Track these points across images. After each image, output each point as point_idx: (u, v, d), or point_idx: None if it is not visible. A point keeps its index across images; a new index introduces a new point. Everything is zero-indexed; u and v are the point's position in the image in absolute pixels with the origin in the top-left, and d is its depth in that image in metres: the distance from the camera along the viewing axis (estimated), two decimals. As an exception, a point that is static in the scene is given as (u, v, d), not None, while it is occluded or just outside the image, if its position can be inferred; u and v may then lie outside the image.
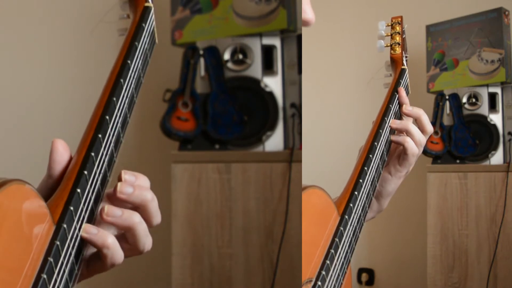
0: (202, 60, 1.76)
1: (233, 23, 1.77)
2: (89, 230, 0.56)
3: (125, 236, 0.60)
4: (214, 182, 1.70)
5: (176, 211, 1.69)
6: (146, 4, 0.74)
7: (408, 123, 0.89)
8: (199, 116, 1.72)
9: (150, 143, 1.96)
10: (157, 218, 0.61)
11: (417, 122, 0.90)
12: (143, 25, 0.72)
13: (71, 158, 0.60)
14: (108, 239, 0.57)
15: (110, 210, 0.58)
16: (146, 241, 0.60)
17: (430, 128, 0.90)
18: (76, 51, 1.98)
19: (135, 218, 0.58)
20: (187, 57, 1.76)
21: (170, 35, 1.81)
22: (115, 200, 0.59)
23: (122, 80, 0.65)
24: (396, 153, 0.91)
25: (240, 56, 1.78)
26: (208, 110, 1.73)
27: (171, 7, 1.82)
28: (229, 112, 1.74)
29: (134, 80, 0.68)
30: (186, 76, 1.74)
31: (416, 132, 0.88)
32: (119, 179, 0.60)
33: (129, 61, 0.67)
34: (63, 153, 0.59)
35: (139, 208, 0.59)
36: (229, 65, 1.78)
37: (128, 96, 0.66)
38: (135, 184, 0.60)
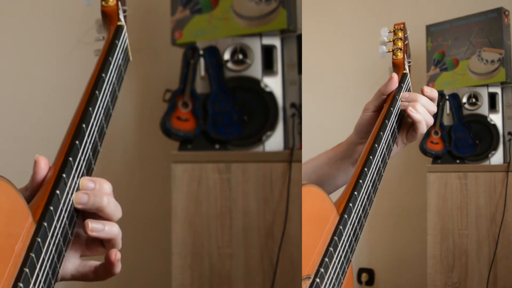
0: (202, 60, 1.76)
1: (233, 23, 1.77)
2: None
3: (102, 242, 0.65)
4: (214, 182, 1.70)
5: (176, 211, 1.69)
6: (119, 23, 0.80)
7: (416, 94, 0.93)
8: (199, 116, 1.72)
9: (150, 143, 1.96)
10: (116, 215, 0.64)
11: None
12: (116, 42, 0.77)
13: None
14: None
15: (93, 226, 0.62)
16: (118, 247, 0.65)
17: (432, 109, 0.92)
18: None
19: (115, 230, 0.64)
20: (187, 57, 1.76)
21: (170, 35, 1.81)
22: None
23: (97, 92, 0.69)
24: (404, 127, 0.94)
25: (240, 56, 1.78)
26: (208, 110, 1.73)
27: (171, 7, 1.82)
28: (229, 112, 1.74)
29: (109, 93, 0.72)
30: (186, 76, 1.74)
31: (425, 98, 0.92)
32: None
33: (103, 75, 0.71)
34: (44, 169, 0.62)
35: (97, 213, 0.63)
36: (229, 65, 1.78)
37: (104, 107, 0.70)
38: (92, 190, 0.63)
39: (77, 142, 0.64)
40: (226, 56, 1.78)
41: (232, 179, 1.70)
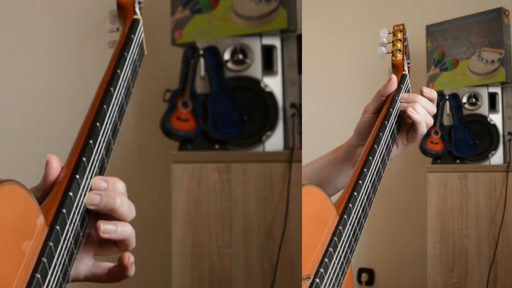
0: (202, 60, 1.76)
1: (233, 23, 1.77)
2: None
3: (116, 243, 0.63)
4: (214, 182, 1.70)
5: (176, 211, 1.69)
6: (135, 17, 0.77)
7: (416, 95, 0.93)
8: (199, 116, 1.72)
9: (150, 143, 1.96)
10: (130, 215, 0.63)
11: None
12: (132, 36, 0.74)
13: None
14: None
15: (105, 228, 0.60)
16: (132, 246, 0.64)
17: (431, 109, 0.92)
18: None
19: (128, 230, 0.62)
20: (187, 57, 1.76)
21: (170, 35, 1.81)
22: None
23: (112, 89, 0.67)
24: (404, 128, 0.94)
25: (240, 56, 1.78)
26: (208, 110, 1.73)
27: (171, 7, 1.82)
28: (229, 112, 1.74)
29: (124, 89, 0.70)
30: (186, 76, 1.74)
31: (424, 99, 0.92)
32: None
33: (118, 71, 0.69)
34: (56, 169, 0.60)
35: (110, 214, 0.61)
36: (229, 65, 1.78)
37: (118, 104, 0.68)
38: (104, 190, 0.61)
39: (91, 141, 0.62)
40: (226, 56, 1.78)
41: (232, 179, 1.70)
